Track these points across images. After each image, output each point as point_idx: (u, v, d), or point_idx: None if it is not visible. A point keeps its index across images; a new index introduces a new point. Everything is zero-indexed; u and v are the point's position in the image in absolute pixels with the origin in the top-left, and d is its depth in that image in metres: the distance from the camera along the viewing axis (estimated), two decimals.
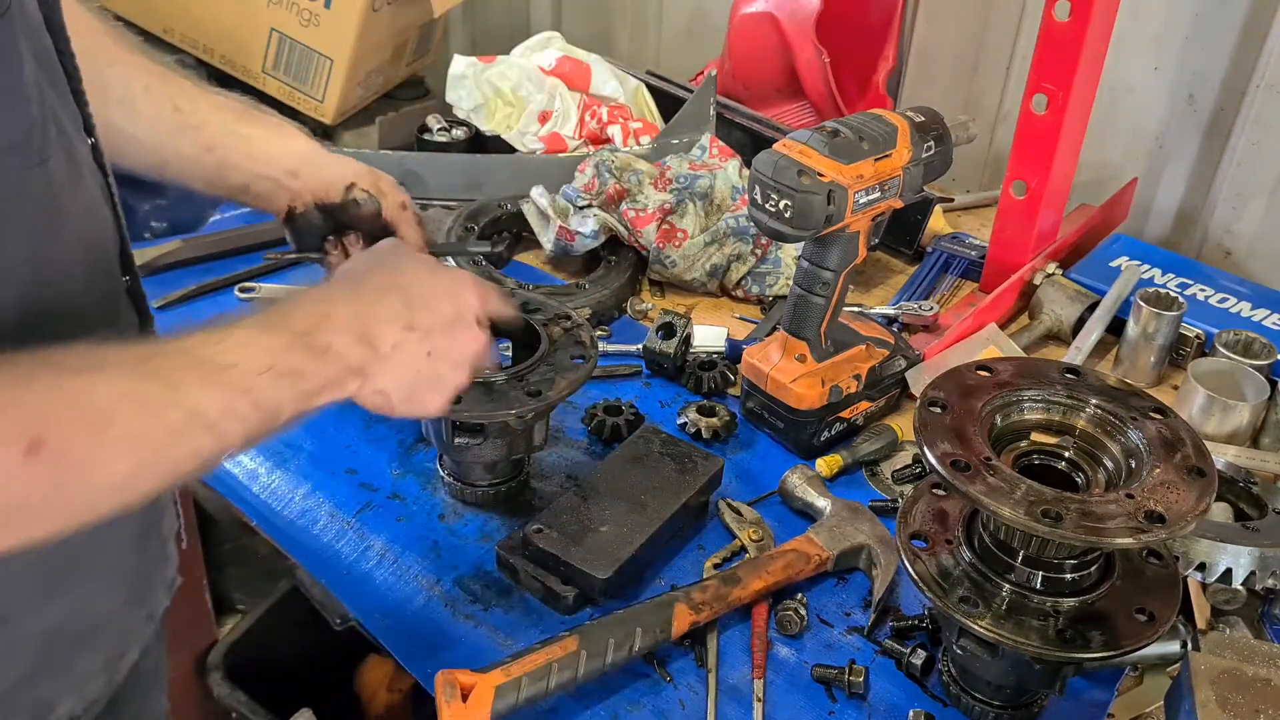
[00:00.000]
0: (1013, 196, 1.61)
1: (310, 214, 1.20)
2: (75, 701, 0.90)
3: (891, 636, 1.11)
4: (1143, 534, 0.84)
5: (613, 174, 1.69)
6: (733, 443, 1.37)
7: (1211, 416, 1.36)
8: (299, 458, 1.32)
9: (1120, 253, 1.71)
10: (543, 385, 1.12)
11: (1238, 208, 1.78)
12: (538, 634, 1.09)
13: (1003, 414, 1.00)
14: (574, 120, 1.93)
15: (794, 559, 1.15)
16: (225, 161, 1.14)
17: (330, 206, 1.20)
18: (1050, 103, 1.50)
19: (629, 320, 1.60)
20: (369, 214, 1.21)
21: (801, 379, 1.30)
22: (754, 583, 1.11)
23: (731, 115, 1.93)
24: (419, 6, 1.95)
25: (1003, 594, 0.95)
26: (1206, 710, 0.89)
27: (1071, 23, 1.42)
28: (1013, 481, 0.89)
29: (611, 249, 1.67)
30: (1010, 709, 1.02)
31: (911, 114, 1.30)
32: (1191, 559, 1.11)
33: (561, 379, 1.13)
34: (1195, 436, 0.95)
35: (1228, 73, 1.72)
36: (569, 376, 1.14)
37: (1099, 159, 1.87)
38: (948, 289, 1.71)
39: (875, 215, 1.28)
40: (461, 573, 1.18)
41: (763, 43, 1.97)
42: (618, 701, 1.04)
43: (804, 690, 1.06)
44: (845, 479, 1.32)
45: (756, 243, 1.65)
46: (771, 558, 1.14)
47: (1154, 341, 1.49)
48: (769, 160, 1.20)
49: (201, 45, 1.95)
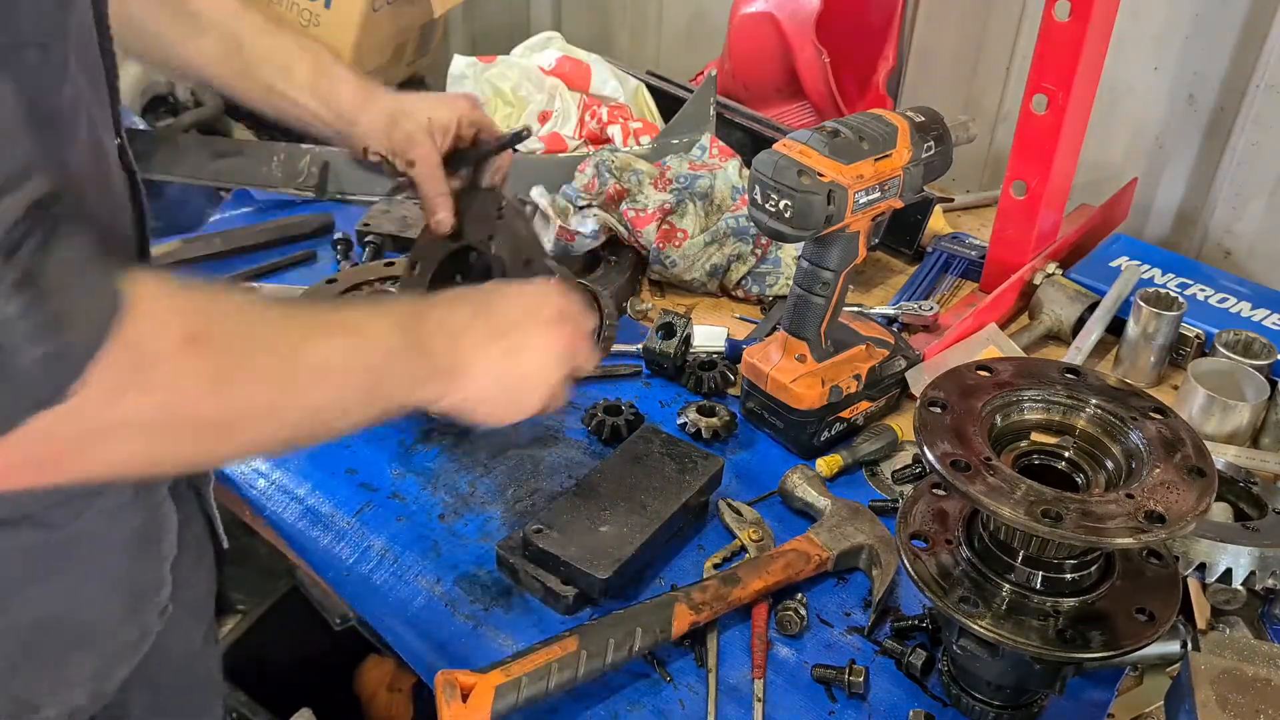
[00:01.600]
0: (1013, 196, 1.61)
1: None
2: (58, 708, 0.90)
3: (891, 636, 1.11)
4: (1143, 534, 0.84)
5: (613, 174, 1.69)
6: (733, 443, 1.37)
7: (1211, 416, 1.36)
8: (299, 458, 1.32)
9: (1120, 253, 1.71)
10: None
11: (1238, 208, 1.78)
12: (538, 634, 1.09)
13: (1003, 414, 1.00)
14: (574, 120, 1.93)
15: (794, 559, 1.15)
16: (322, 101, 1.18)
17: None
18: (1050, 103, 1.49)
19: (629, 320, 1.60)
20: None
21: (801, 379, 1.30)
22: (754, 583, 1.11)
23: (731, 115, 1.93)
24: (419, 6, 1.95)
25: (1003, 594, 0.95)
26: (1206, 710, 0.89)
27: (1071, 23, 1.42)
28: (1013, 481, 0.89)
29: (611, 249, 1.67)
30: (1010, 709, 1.02)
31: (911, 114, 1.30)
32: (1191, 559, 1.11)
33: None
34: (1195, 436, 0.95)
35: (1228, 73, 1.72)
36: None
37: (1099, 159, 1.87)
38: (948, 289, 1.71)
39: (875, 215, 1.28)
40: (461, 573, 1.18)
41: (763, 43, 1.97)
42: (618, 701, 1.04)
43: (804, 690, 1.06)
44: (845, 479, 1.32)
45: (756, 243, 1.65)
46: (771, 558, 1.14)
47: (1154, 341, 1.49)
48: (769, 160, 1.20)
49: None
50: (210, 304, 0.70)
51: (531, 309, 0.95)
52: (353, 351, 0.78)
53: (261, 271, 1.64)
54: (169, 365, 0.64)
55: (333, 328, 0.78)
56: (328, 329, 0.77)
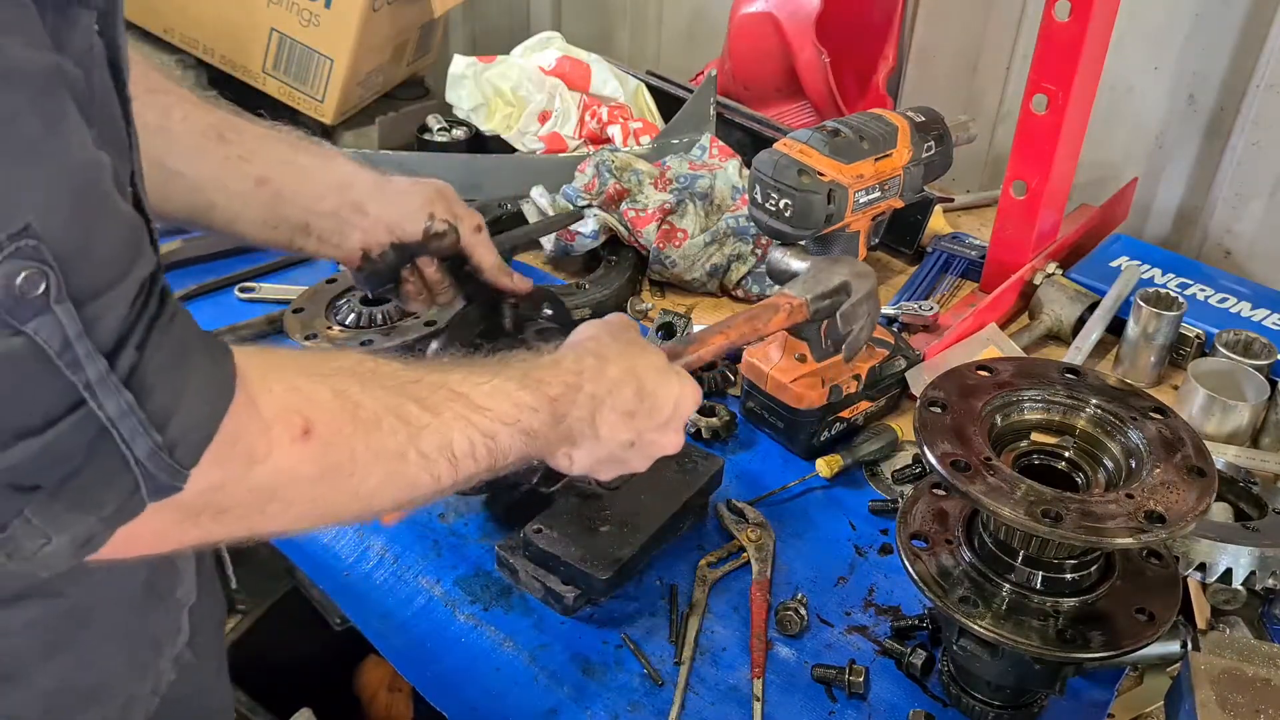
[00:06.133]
0: (1013, 196, 1.61)
1: (386, 255, 1.12)
2: None
3: (891, 636, 1.11)
4: (1143, 534, 0.84)
5: (613, 174, 1.69)
6: (733, 443, 1.37)
7: (1211, 416, 1.36)
8: None
9: (1120, 253, 1.71)
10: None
11: (1238, 208, 1.78)
12: (537, 634, 1.10)
13: (1003, 414, 1.00)
14: (574, 120, 1.93)
15: (759, 311, 1.11)
16: (280, 195, 1.04)
17: (409, 245, 1.12)
18: (1050, 103, 1.49)
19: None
20: (449, 243, 1.13)
21: (801, 379, 1.30)
22: (715, 339, 1.07)
23: (731, 115, 1.93)
24: (419, 6, 1.95)
25: (1003, 594, 0.95)
26: (1206, 710, 0.89)
27: (1071, 23, 1.42)
28: (1013, 481, 0.89)
29: (611, 249, 1.67)
30: (1010, 709, 1.02)
31: (911, 114, 1.30)
32: (1191, 559, 1.11)
33: None
34: (1195, 436, 0.95)
35: (1228, 73, 1.72)
36: None
37: (1099, 159, 1.87)
38: (948, 289, 1.71)
39: (875, 215, 1.28)
40: (461, 573, 1.18)
41: (763, 43, 1.97)
42: (618, 701, 1.04)
43: (804, 690, 1.06)
44: (845, 479, 1.32)
45: (756, 243, 1.64)
46: (734, 315, 1.10)
47: (1154, 341, 1.49)
48: (769, 160, 1.20)
49: (201, 45, 1.95)
50: (320, 386, 0.69)
51: (680, 408, 0.95)
52: (476, 434, 0.78)
53: (261, 271, 1.64)
54: (279, 458, 0.65)
55: (455, 407, 0.77)
56: (450, 409, 0.76)
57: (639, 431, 0.93)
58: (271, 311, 1.52)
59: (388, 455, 0.72)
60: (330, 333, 1.38)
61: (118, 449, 0.56)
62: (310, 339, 1.36)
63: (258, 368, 0.66)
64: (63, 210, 0.53)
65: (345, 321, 1.39)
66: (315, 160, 1.08)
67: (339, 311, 1.41)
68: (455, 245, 1.14)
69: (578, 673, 1.07)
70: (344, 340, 1.36)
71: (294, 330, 1.37)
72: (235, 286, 1.61)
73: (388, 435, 0.72)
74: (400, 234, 1.11)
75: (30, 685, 0.82)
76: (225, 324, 1.49)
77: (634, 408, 0.92)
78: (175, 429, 0.58)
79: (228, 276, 1.62)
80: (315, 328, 1.38)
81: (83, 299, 0.54)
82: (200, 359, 0.61)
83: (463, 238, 1.14)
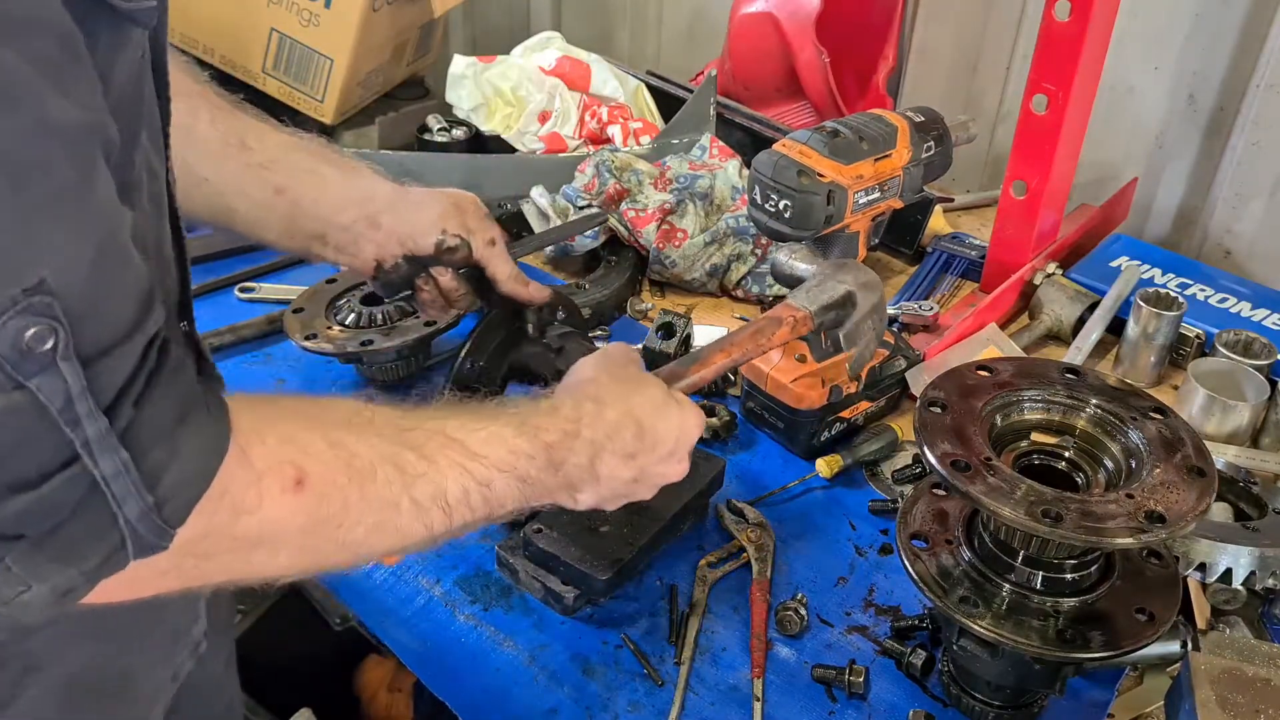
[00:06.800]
0: (1013, 196, 1.61)
1: (399, 266, 1.15)
2: None
3: (891, 636, 1.11)
4: (1143, 534, 0.84)
5: (613, 174, 1.69)
6: (733, 443, 1.37)
7: (1211, 416, 1.36)
8: None
9: (1120, 253, 1.71)
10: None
11: (1238, 208, 1.78)
12: (537, 634, 1.10)
13: (1003, 414, 1.00)
14: (574, 120, 1.93)
15: (764, 325, 1.10)
16: (298, 205, 1.06)
17: (421, 259, 1.14)
18: (1050, 103, 1.49)
19: (629, 320, 1.60)
20: (461, 257, 1.16)
21: (801, 379, 1.30)
22: (716, 357, 1.06)
23: (731, 115, 1.93)
24: (419, 6, 1.95)
25: (1003, 594, 0.95)
26: (1206, 710, 0.89)
27: (1071, 23, 1.42)
28: (1013, 481, 0.89)
29: (611, 249, 1.67)
30: (1010, 709, 1.02)
31: (911, 114, 1.30)
32: (1191, 559, 1.11)
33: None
34: (1195, 436, 0.95)
35: (1228, 73, 1.72)
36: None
37: (1099, 159, 1.87)
38: (948, 289, 1.71)
39: (875, 215, 1.28)
40: (461, 573, 1.18)
41: (763, 43, 1.97)
42: (618, 701, 1.04)
43: (804, 690, 1.06)
44: (845, 479, 1.32)
45: (756, 243, 1.65)
46: (739, 330, 1.09)
47: (1154, 341, 1.49)
48: (769, 160, 1.20)
49: (201, 45, 1.95)
50: (315, 436, 0.69)
51: (682, 440, 0.95)
52: (471, 481, 0.78)
53: (261, 271, 1.64)
54: (270, 509, 0.65)
55: (450, 454, 0.77)
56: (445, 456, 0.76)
57: (642, 468, 0.93)
58: (271, 311, 1.52)
59: (381, 504, 0.72)
60: (330, 333, 1.37)
61: (108, 507, 0.56)
62: (310, 339, 1.36)
63: (251, 418, 0.65)
64: (83, 266, 0.53)
65: (345, 321, 1.39)
66: (337, 172, 1.09)
67: (339, 311, 1.41)
68: (467, 259, 1.16)
69: (578, 673, 1.07)
70: (344, 340, 1.36)
71: (294, 330, 1.37)
72: (235, 286, 1.61)
73: (382, 485, 0.72)
74: (412, 247, 1.14)
75: (54, 674, 0.83)
76: (225, 324, 1.49)
77: (634, 449, 0.92)
78: (166, 487, 0.58)
79: (228, 276, 1.62)
80: (315, 328, 1.38)
81: (90, 356, 0.54)
82: (197, 415, 0.61)
83: (475, 250, 1.16)
